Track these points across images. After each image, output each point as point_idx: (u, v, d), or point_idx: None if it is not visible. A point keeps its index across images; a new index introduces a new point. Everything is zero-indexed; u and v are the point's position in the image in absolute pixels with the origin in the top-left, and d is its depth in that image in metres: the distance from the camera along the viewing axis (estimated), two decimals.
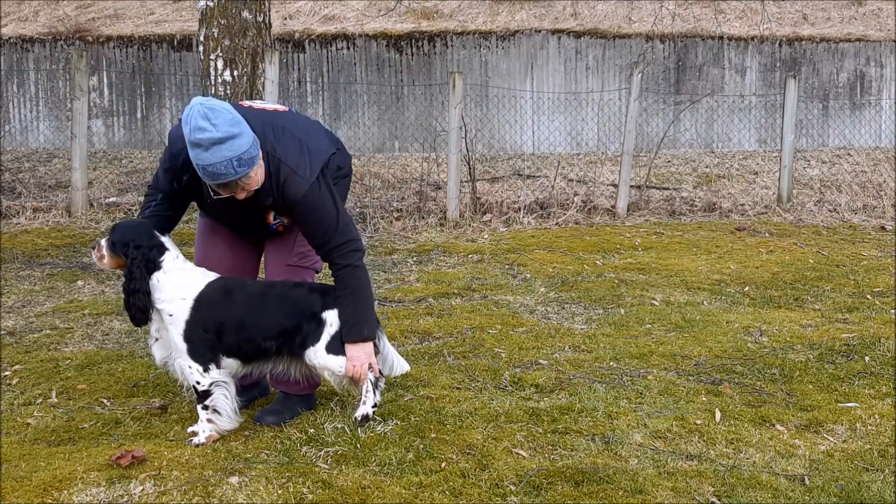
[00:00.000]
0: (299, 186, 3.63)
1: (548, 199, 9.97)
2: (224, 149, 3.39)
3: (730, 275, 6.98)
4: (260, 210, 3.77)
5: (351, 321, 3.72)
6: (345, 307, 3.74)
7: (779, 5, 15.04)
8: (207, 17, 8.69)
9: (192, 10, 13.45)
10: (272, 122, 3.72)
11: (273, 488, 3.25)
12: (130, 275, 3.65)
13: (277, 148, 3.65)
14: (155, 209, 3.87)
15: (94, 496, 3.21)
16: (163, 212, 3.88)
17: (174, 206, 3.91)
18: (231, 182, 3.48)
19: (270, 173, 3.62)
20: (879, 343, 5.09)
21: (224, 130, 3.39)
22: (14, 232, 8.58)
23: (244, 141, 3.44)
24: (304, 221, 3.73)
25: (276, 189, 3.64)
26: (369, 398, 3.78)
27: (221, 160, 3.40)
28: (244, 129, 3.46)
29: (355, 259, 3.75)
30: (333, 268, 3.77)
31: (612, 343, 5.14)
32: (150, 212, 3.88)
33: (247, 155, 3.44)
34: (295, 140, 3.72)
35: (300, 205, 3.67)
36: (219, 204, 3.72)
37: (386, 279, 6.90)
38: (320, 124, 4.07)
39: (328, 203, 3.71)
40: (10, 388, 4.42)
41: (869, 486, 3.30)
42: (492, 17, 14.08)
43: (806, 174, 12.17)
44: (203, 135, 3.38)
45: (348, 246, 3.74)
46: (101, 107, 13.18)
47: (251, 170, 3.49)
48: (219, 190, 3.55)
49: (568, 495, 3.21)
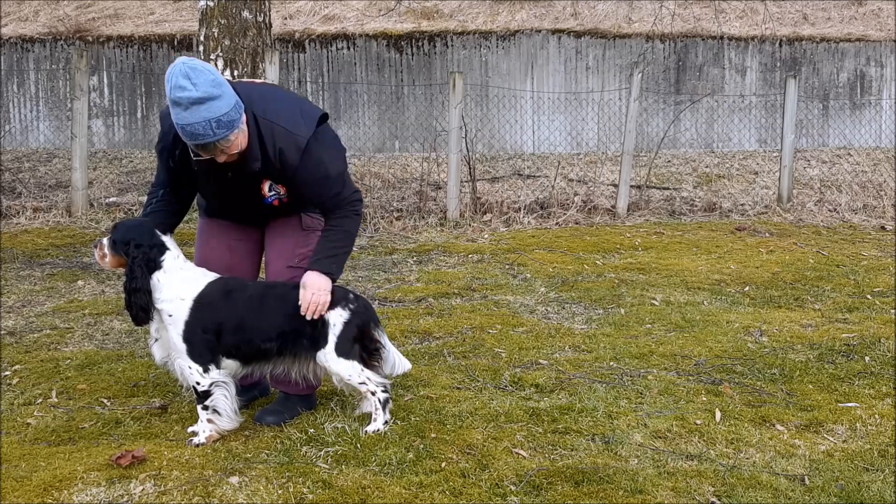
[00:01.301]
0: (297, 147, 3.60)
1: (548, 199, 9.97)
2: (203, 109, 3.35)
3: (730, 275, 6.98)
4: (252, 180, 3.70)
5: (328, 253, 3.73)
6: (329, 239, 3.75)
7: (779, 5, 15.04)
8: (207, 17, 8.69)
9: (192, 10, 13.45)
10: (261, 90, 3.73)
11: (273, 488, 3.25)
12: (132, 273, 3.65)
13: (268, 111, 3.62)
14: (156, 206, 3.87)
15: (94, 496, 3.21)
16: (165, 207, 3.87)
17: (176, 199, 3.89)
18: (209, 144, 3.43)
19: (262, 136, 3.58)
20: (879, 343, 5.09)
21: (203, 91, 3.35)
22: (14, 232, 8.58)
23: (224, 103, 3.40)
24: (305, 184, 3.68)
25: (274, 153, 3.59)
26: (380, 416, 3.77)
27: (200, 121, 3.36)
28: (225, 92, 3.42)
29: (355, 207, 3.79)
30: (338, 213, 3.75)
31: (612, 343, 5.14)
32: (152, 209, 3.87)
33: (226, 118, 3.40)
34: (285, 102, 3.73)
35: (300, 167, 3.62)
36: (212, 180, 3.69)
37: (386, 279, 6.89)
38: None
39: (328, 158, 3.69)
40: (10, 388, 4.42)
41: (869, 486, 3.30)
42: (492, 17, 14.07)
43: (806, 174, 12.17)
44: (182, 94, 3.34)
45: (355, 195, 3.79)
46: (102, 107, 13.18)
47: (230, 133, 3.44)
48: (198, 151, 3.50)
49: (568, 495, 3.21)
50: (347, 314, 3.74)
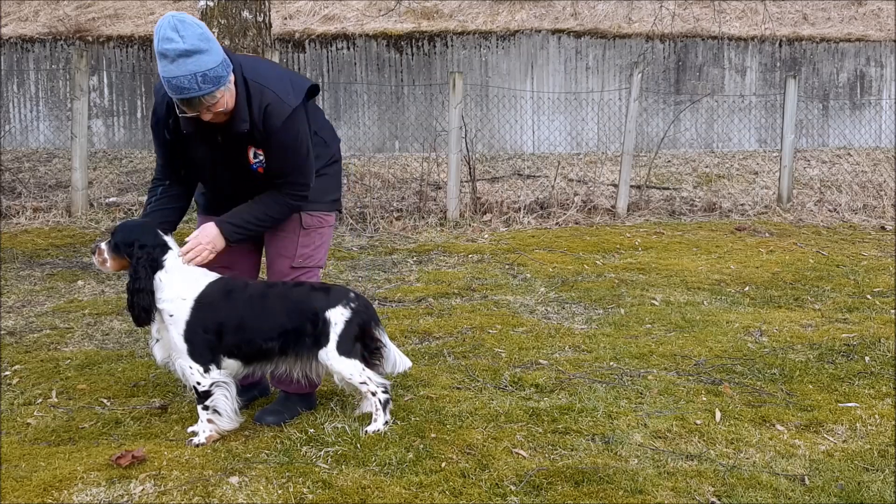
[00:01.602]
0: (282, 111, 3.60)
1: (548, 199, 9.97)
2: (190, 63, 3.35)
3: (730, 275, 6.98)
4: (239, 145, 3.69)
5: (239, 221, 3.74)
6: (250, 209, 3.76)
7: (779, 5, 15.04)
8: (207, 17, 8.69)
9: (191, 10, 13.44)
10: (252, 58, 3.79)
11: (273, 488, 3.25)
12: (135, 274, 3.65)
13: (260, 74, 3.63)
14: (156, 205, 3.87)
15: (94, 496, 3.21)
16: (165, 205, 3.86)
17: (176, 191, 3.88)
18: (194, 99, 3.42)
19: (250, 97, 3.58)
20: (879, 343, 5.09)
21: (191, 43, 3.35)
22: (14, 232, 8.58)
23: (211, 58, 3.40)
24: (277, 148, 3.67)
25: (259, 113, 3.59)
26: (380, 416, 3.77)
27: (186, 73, 3.35)
28: (213, 48, 3.43)
29: (294, 200, 3.78)
30: (272, 192, 3.75)
31: (612, 343, 5.14)
32: (152, 208, 3.87)
33: (213, 73, 3.40)
34: (276, 70, 3.76)
35: (280, 132, 3.62)
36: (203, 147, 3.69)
37: (386, 279, 6.90)
38: None
39: (304, 137, 3.70)
40: (10, 388, 4.42)
41: (869, 486, 3.30)
42: (492, 17, 14.07)
43: (806, 174, 12.17)
44: (170, 45, 3.35)
45: (299, 189, 3.77)
46: (102, 107, 13.18)
47: (216, 89, 3.43)
48: (184, 108, 3.49)
49: (568, 495, 3.21)
50: (349, 313, 3.74)
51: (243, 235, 3.79)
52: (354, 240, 8.52)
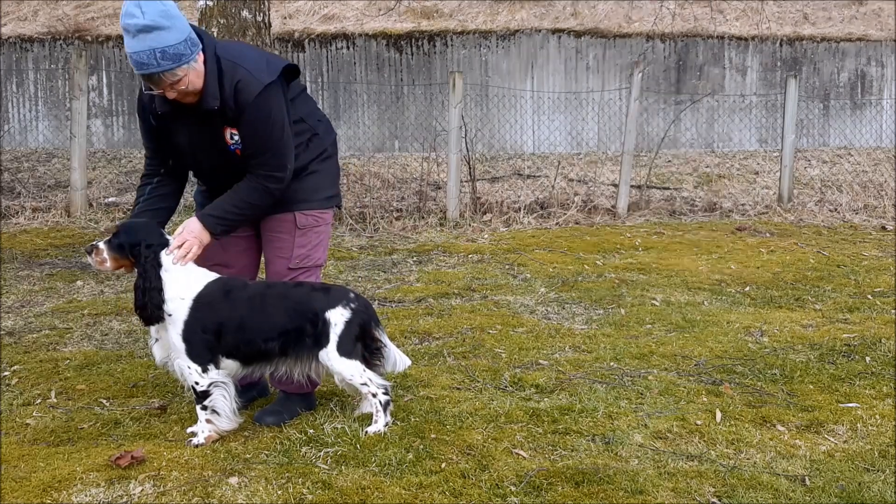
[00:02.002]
0: (254, 87, 3.57)
1: (548, 199, 9.96)
2: (150, 38, 3.38)
3: (730, 275, 6.97)
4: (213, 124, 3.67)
5: (220, 212, 3.71)
6: (230, 199, 3.72)
7: (779, 5, 15.04)
8: (207, 17, 8.67)
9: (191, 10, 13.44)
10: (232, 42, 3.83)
11: (273, 488, 3.24)
12: (145, 273, 3.64)
13: (232, 51, 3.63)
14: (145, 203, 3.82)
15: (94, 496, 3.20)
16: (154, 204, 3.83)
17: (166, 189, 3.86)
18: (154, 75, 3.44)
19: (222, 74, 3.57)
20: (880, 343, 5.08)
21: (151, 19, 3.38)
22: (13, 232, 8.57)
23: (172, 35, 3.42)
24: (249, 125, 3.63)
25: (230, 89, 3.58)
26: (381, 417, 3.76)
27: (145, 49, 3.38)
28: (176, 25, 3.44)
29: (270, 183, 3.71)
30: (249, 178, 3.71)
31: (613, 343, 5.13)
32: (141, 207, 3.84)
33: (173, 49, 3.41)
34: (253, 51, 3.75)
35: (251, 107, 3.59)
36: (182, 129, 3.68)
37: (386, 279, 6.89)
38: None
39: (278, 115, 3.65)
40: (9, 388, 4.41)
41: (870, 487, 3.29)
42: (492, 17, 14.07)
43: (807, 174, 12.16)
44: (131, 20, 3.38)
45: (275, 170, 3.70)
46: (101, 106, 13.18)
47: (177, 66, 3.44)
48: (148, 84, 3.52)
49: (568, 496, 3.21)
50: (349, 313, 3.73)
51: (227, 226, 3.75)
52: (354, 240, 8.51)
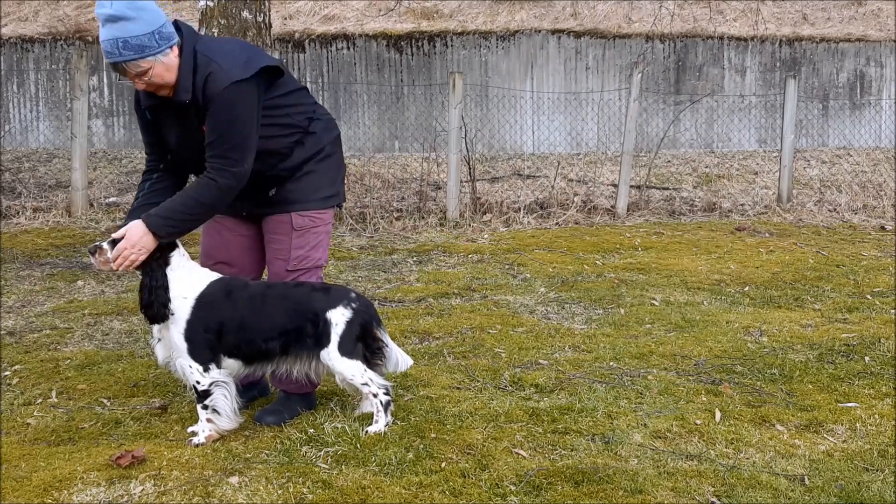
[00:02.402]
0: (221, 82, 3.56)
1: (548, 199, 9.97)
2: (115, 28, 3.45)
3: (730, 275, 6.98)
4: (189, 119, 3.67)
5: (165, 211, 3.62)
6: (177, 199, 3.66)
7: (779, 5, 15.04)
8: (207, 17, 8.68)
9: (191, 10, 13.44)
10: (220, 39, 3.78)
11: (273, 488, 3.25)
12: (151, 272, 3.65)
13: (211, 47, 3.64)
14: (143, 199, 3.80)
15: (94, 496, 3.21)
16: (152, 199, 3.80)
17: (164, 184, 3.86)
18: (119, 65, 3.50)
19: (197, 69, 3.58)
20: (879, 343, 5.09)
21: (117, 9, 3.44)
22: (14, 232, 8.58)
23: (137, 26, 3.46)
24: (211, 117, 3.60)
25: (201, 84, 3.58)
26: (381, 417, 3.77)
27: (109, 38, 3.46)
28: (143, 17, 3.48)
29: (220, 177, 3.61)
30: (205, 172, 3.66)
31: (612, 343, 5.14)
32: (139, 202, 3.82)
33: (135, 41, 3.46)
34: (234, 47, 3.73)
35: (215, 99, 3.57)
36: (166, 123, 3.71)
37: (386, 279, 6.90)
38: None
39: (243, 111, 3.61)
40: (10, 388, 4.42)
41: (869, 486, 3.30)
42: (492, 17, 14.07)
43: (806, 174, 12.17)
44: (100, 10, 3.47)
45: (230, 164, 3.61)
46: (101, 107, 13.18)
47: (139, 57, 3.48)
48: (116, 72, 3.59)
49: (568, 495, 3.21)
50: (350, 313, 3.74)
51: (173, 227, 3.64)
52: (354, 240, 8.52)
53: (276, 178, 3.85)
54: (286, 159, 3.84)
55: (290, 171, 3.87)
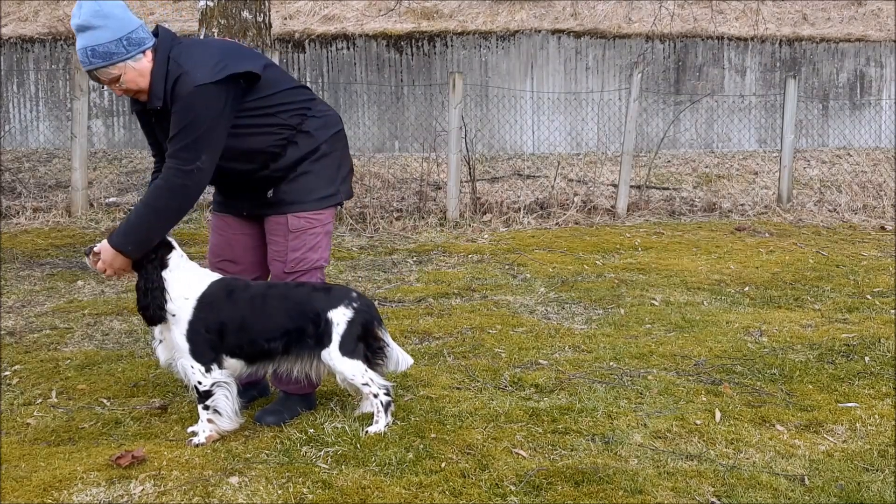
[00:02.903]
0: (186, 86, 3.57)
1: (548, 199, 9.97)
2: (84, 37, 3.54)
3: (730, 275, 6.98)
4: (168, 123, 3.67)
5: (124, 227, 3.65)
6: (131, 212, 3.72)
7: (779, 5, 15.04)
8: (207, 17, 8.69)
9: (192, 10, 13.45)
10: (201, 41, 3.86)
11: (273, 488, 3.25)
12: (147, 273, 3.65)
13: (184, 52, 3.66)
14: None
15: (94, 496, 3.21)
16: None
17: None
18: (92, 72, 3.59)
19: (168, 74, 3.61)
20: (879, 343, 5.09)
21: (83, 19, 3.53)
22: (14, 232, 8.58)
23: (104, 34, 3.53)
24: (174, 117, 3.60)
25: (170, 89, 3.60)
26: (382, 418, 3.77)
27: (81, 47, 3.56)
28: (110, 25, 3.53)
29: (176, 177, 3.60)
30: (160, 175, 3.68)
31: (612, 343, 5.14)
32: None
33: (102, 48, 3.53)
34: (208, 52, 3.71)
35: (178, 101, 3.58)
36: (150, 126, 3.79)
37: (386, 279, 6.90)
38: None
39: (205, 114, 3.60)
40: (10, 388, 4.42)
41: (869, 487, 3.30)
42: (492, 17, 14.07)
43: (806, 174, 12.17)
44: (73, 21, 3.58)
45: (184, 162, 3.60)
46: (101, 107, 13.18)
47: (108, 65, 3.55)
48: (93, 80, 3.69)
49: (568, 495, 3.21)
50: (351, 313, 3.74)
51: (135, 240, 3.64)
52: (354, 240, 8.52)
53: (270, 178, 3.85)
54: (279, 159, 3.84)
55: (285, 172, 3.86)
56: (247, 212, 3.99)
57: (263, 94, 3.79)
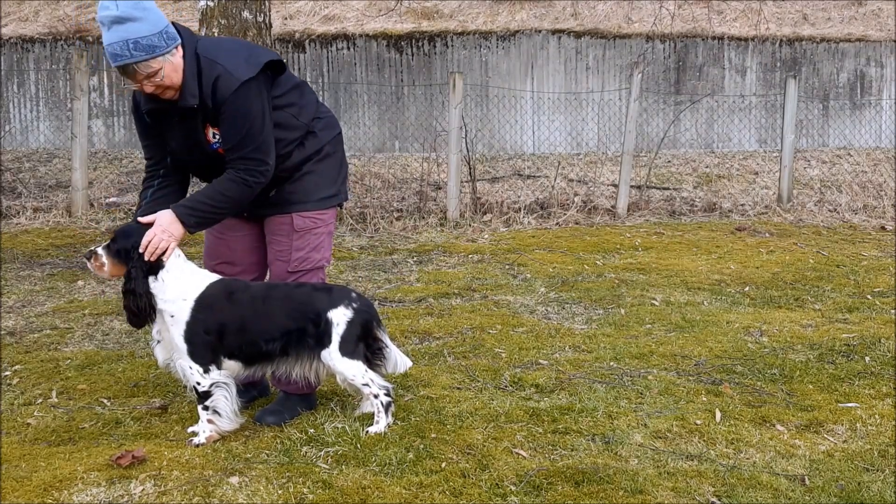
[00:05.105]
0: (231, 83, 3.58)
1: (548, 199, 9.97)
2: (122, 29, 3.43)
3: (730, 275, 6.98)
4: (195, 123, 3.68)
5: (194, 204, 3.67)
6: (206, 192, 3.70)
7: (779, 5, 15.04)
8: (207, 17, 8.68)
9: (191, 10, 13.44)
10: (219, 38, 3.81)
11: (273, 488, 3.25)
12: (128, 275, 3.64)
13: (212, 49, 3.65)
14: (146, 207, 3.81)
15: (94, 496, 3.21)
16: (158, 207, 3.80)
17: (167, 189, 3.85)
18: (129, 67, 3.47)
19: (201, 72, 3.59)
20: (880, 343, 5.09)
21: (123, 10, 3.43)
22: (14, 232, 8.58)
23: (145, 26, 3.46)
24: (227, 121, 3.62)
25: (208, 87, 3.59)
26: (382, 418, 3.77)
27: (118, 40, 3.44)
28: (149, 17, 3.48)
29: (250, 176, 3.66)
30: (228, 171, 3.68)
31: (613, 343, 5.14)
32: (147, 203, 3.83)
33: (146, 41, 3.45)
34: (234, 45, 3.74)
35: (229, 104, 3.59)
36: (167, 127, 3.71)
37: (386, 279, 6.90)
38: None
39: (258, 110, 3.63)
40: (10, 388, 4.42)
41: (869, 487, 3.30)
42: (492, 17, 14.07)
43: (806, 174, 12.17)
44: (105, 12, 3.45)
45: (255, 164, 3.66)
46: (102, 107, 13.18)
47: (150, 57, 3.48)
48: (124, 78, 3.56)
49: (568, 495, 3.21)
50: (351, 313, 3.74)
51: (200, 217, 3.69)
52: (354, 240, 8.52)
53: (275, 178, 3.85)
54: (287, 160, 3.84)
55: (289, 172, 3.87)
56: (247, 212, 3.99)
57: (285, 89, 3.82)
